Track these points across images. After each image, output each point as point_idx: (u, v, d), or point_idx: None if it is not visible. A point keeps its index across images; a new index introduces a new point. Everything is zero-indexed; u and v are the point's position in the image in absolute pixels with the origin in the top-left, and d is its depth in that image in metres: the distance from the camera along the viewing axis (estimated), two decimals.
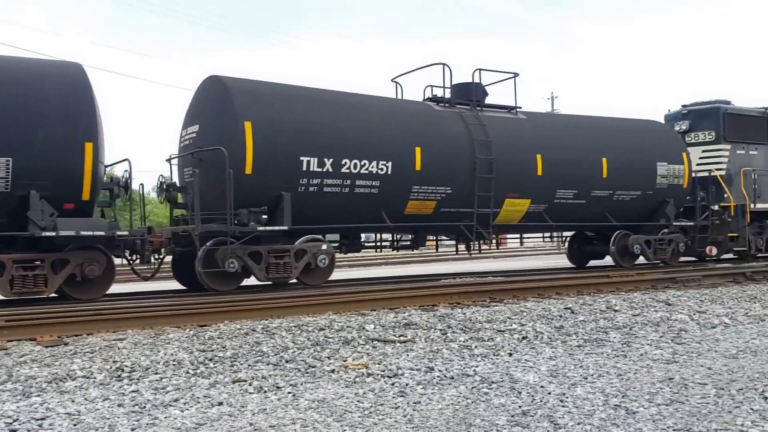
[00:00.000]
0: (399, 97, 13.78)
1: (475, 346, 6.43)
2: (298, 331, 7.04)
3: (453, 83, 13.66)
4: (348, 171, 11.32)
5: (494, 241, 28.52)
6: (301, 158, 10.93)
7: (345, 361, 5.78)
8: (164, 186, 11.43)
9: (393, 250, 14.43)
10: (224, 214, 10.12)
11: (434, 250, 21.63)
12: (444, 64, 13.25)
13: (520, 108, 14.24)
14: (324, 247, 11.09)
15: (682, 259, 16.23)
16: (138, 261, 10.57)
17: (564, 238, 17.25)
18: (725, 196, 16.66)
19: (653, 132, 16.06)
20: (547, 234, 16.08)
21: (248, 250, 10.40)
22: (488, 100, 14.01)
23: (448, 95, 13.37)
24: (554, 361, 5.90)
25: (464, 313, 8.11)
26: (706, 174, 16.78)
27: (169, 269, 12.36)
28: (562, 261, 18.52)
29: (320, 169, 11.06)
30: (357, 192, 11.52)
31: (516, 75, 14.12)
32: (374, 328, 7.16)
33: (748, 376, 5.31)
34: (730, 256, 17.81)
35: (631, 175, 14.90)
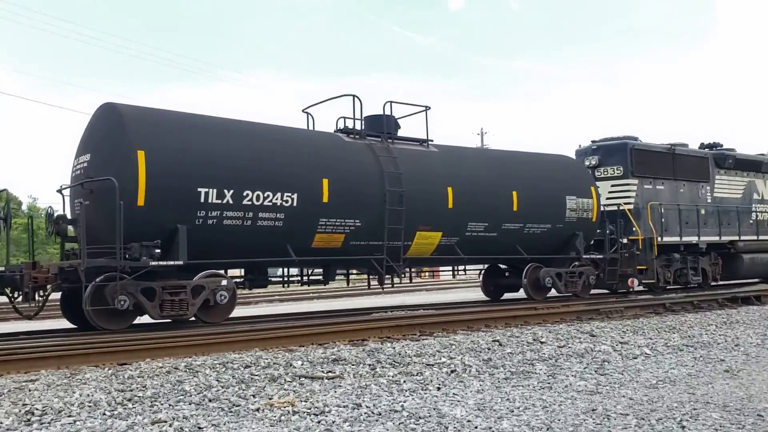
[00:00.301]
0: (310, 128, 13.57)
1: (404, 381, 6.39)
2: (223, 369, 6.85)
3: (366, 115, 13.58)
4: (250, 203, 10.90)
5: (428, 273, 28.43)
6: (199, 189, 10.44)
7: (271, 398, 5.64)
8: (53, 218, 10.74)
9: (302, 285, 14.13)
10: (115, 248, 9.55)
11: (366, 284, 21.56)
12: (354, 96, 13.07)
13: (432, 141, 14.20)
14: (224, 282, 10.64)
15: (593, 291, 16.47)
16: (20, 298, 9.93)
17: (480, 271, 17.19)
18: (633, 229, 16.92)
19: (563, 166, 16.19)
20: (460, 267, 16.09)
21: (141, 286, 9.80)
22: (403, 133, 14.02)
23: (360, 127, 13.27)
24: (482, 394, 5.93)
25: (394, 348, 8.07)
26: (615, 208, 17.05)
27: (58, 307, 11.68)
28: None
29: (219, 201, 10.60)
30: (260, 225, 11.08)
31: (427, 108, 14.08)
32: (302, 364, 7.04)
33: (667, 405, 5.45)
34: (640, 288, 18.04)
35: (541, 208, 14.94)
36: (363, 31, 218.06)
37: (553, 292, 15.51)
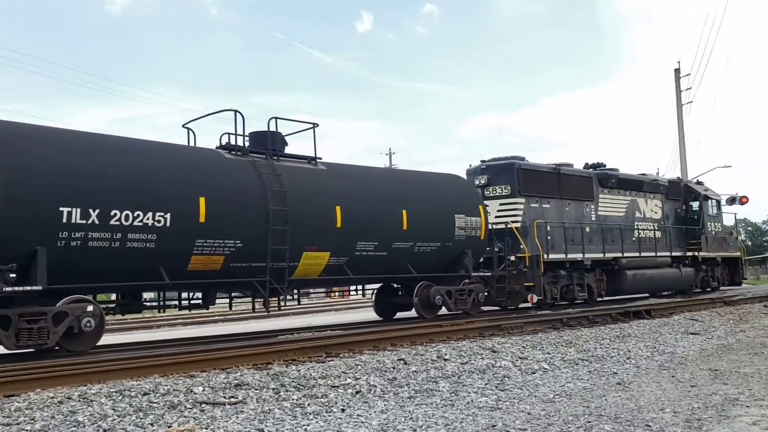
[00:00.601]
0: (192, 144, 12.90)
1: (308, 404, 6.34)
2: (120, 397, 6.58)
3: (251, 132, 13.19)
4: (118, 223, 10.21)
5: (339, 293, 28.32)
6: (61, 209, 9.70)
7: (170, 427, 5.47)
8: None
9: (180, 309, 13.51)
10: None
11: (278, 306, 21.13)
12: (236, 111, 12.52)
13: (321, 159, 13.82)
14: (89, 308, 9.91)
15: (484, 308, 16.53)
16: None
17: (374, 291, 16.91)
18: (521, 247, 17.17)
19: (451, 185, 16.21)
20: (353, 287, 15.88)
21: None
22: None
23: (245, 144, 12.75)
24: (386, 414, 5.96)
25: (299, 370, 7.99)
26: (503, 226, 17.36)
27: None
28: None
29: (84, 222, 9.89)
30: (130, 247, 10.36)
31: (315, 125, 13.77)
32: (203, 390, 6.86)
33: (563, 419, 5.66)
34: (529, 304, 18.14)
35: (431, 226, 14.86)
36: (271, 50, 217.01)
37: (445, 311, 15.56)
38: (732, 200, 36.27)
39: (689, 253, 23.71)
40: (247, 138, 12.96)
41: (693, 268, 23.56)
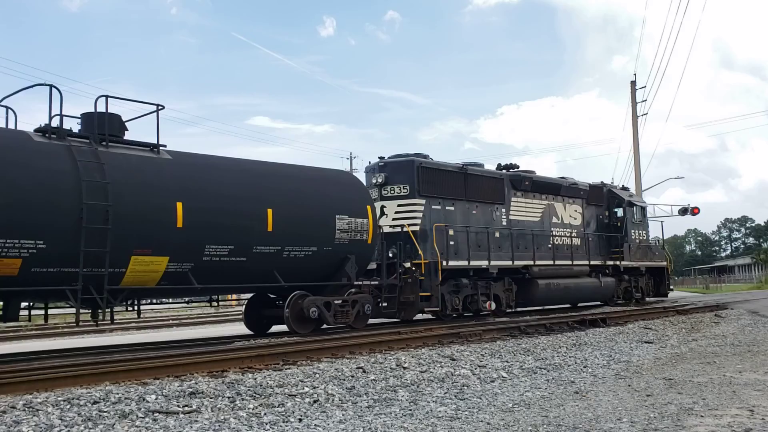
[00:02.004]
0: (11, 126, 11.12)
1: (265, 413, 6.20)
2: (68, 406, 6.34)
3: (84, 113, 11.37)
4: None
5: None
6: None
7: None
8: None
9: None
10: None
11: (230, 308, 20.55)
12: (51, 86, 10.60)
13: (165, 146, 11.80)
14: None
15: (369, 320, 14.69)
16: None
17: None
18: (419, 253, 15.69)
19: (335, 182, 14.50)
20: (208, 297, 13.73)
21: None
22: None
23: (77, 125, 11.17)
24: (344, 424, 5.86)
25: (255, 378, 7.84)
26: (399, 229, 15.96)
27: None
28: None
29: None
30: None
31: (160, 107, 11.69)
32: (156, 398, 6.66)
33: (522, 429, 5.64)
34: (428, 316, 16.95)
35: (304, 228, 13.03)
36: (230, 51, 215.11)
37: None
38: (684, 211, 37.12)
39: (610, 262, 22.36)
40: (72, 118, 11.16)
41: (614, 277, 22.29)
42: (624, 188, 25.32)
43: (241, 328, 15.15)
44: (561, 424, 5.79)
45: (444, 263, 15.90)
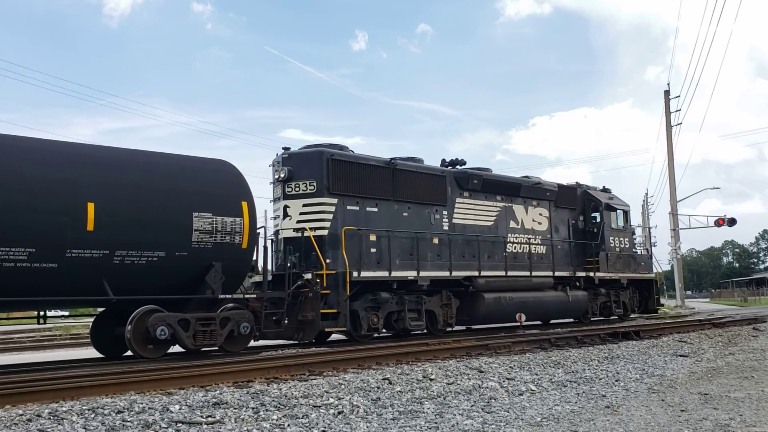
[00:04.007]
0: None
1: (288, 425, 6.12)
2: (93, 415, 6.34)
3: None
4: None
5: None
6: None
7: None
8: None
9: None
10: None
11: None
12: None
13: None
14: None
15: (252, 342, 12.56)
16: None
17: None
18: (328, 261, 13.44)
19: (197, 174, 12.03)
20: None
21: None
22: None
23: None
24: None
25: (280, 389, 7.78)
26: (299, 234, 13.68)
27: None
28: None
29: None
30: None
31: None
32: (180, 408, 6.63)
33: None
34: (341, 336, 14.69)
35: (146, 229, 10.82)
36: (264, 65, 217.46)
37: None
38: (724, 221, 36.39)
39: (581, 273, 19.49)
40: None
41: (588, 291, 19.63)
42: (605, 190, 22.48)
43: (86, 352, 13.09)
44: None
45: (354, 274, 13.57)
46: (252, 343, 12.70)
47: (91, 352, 13.18)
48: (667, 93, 39.63)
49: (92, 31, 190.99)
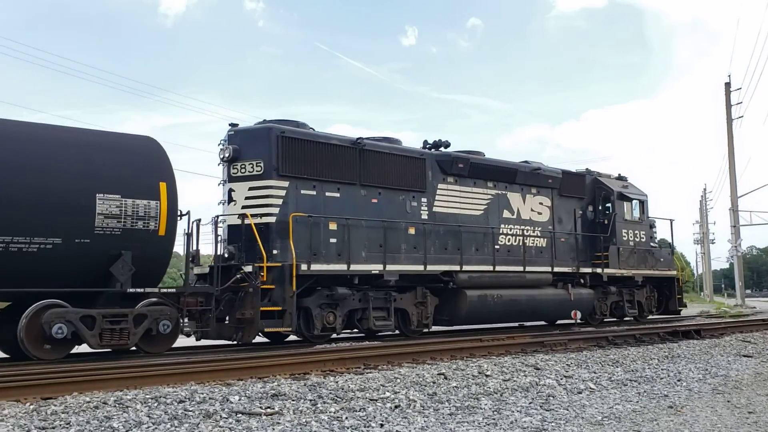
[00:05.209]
0: None
1: (346, 418, 6.15)
2: (155, 404, 6.49)
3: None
4: None
5: None
6: None
7: None
8: None
9: None
10: None
11: None
12: None
13: None
14: None
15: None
16: None
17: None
18: (275, 252, 12.17)
19: (104, 149, 10.69)
20: None
21: None
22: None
23: None
24: (426, 431, 5.73)
25: (336, 382, 7.82)
26: (240, 222, 12.30)
27: None
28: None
29: None
30: None
31: None
32: (239, 399, 6.72)
33: None
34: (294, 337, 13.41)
35: (35, 212, 9.63)
36: (314, 61, 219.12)
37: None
38: None
39: (586, 269, 17.71)
40: None
41: (596, 289, 17.89)
42: (620, 177, 20.25)
43: None
44: None
45: (303, 267, 12.10)
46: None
47: None
48: (727, 85, 38.39)
49: (148, 30, 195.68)
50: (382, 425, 5.94)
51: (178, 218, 11.06)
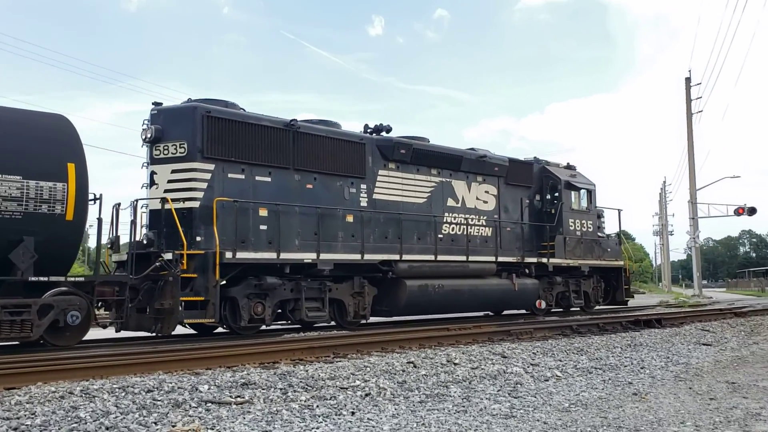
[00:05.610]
0: None
1: (317, 406, 6.15)
2: (123, 393, 6.40)
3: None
4: None
5: None
6: None
7: (174, 426, 5.29)
8: None
9: None
10: None
11: None
12: None
13: None
14: None
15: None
16: None
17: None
18: (199, 239, 11.55)
19: (12, 127, 10.00)
20: None
21: None
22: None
23: None
24: (397, 419, 5.77)
25: (307, 371, 7.81)
26: (164, 206, 11.60)
27: None
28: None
29: None
30: None
31: None
32: (209, 388, 6.67)
33: (581, 429, 5.46)
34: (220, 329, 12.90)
35: None
36: (280, 50, 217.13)
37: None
38: (744, 210, 36.04)
39: (532, 259, 17.47)
40: None
41: (541, 279, 17.74)
42: (568, 166, 20.00)
43: None
44: (622, 426, 5.59)
45: (228, 255, 11.55)
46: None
47: None
48: (688, 80, 39.11)
49: (111, 15, 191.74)
50: (353, 413, 5.96)
51: (91, 202, 10.46)
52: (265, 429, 5.24)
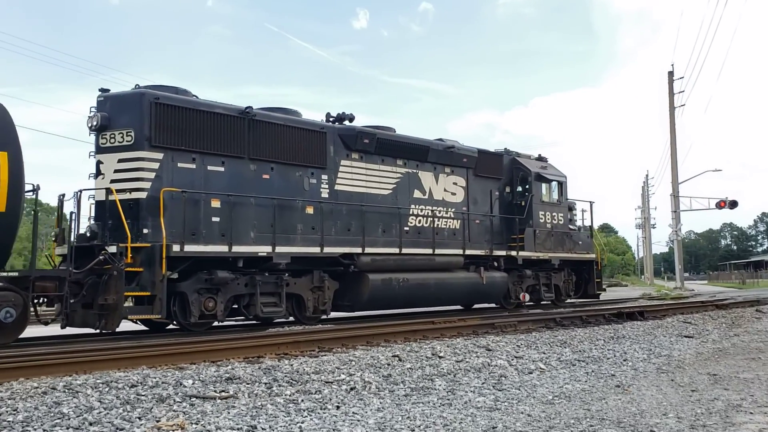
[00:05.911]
0: None
1: (302, 400, 6.15)
2: (107, 389, 6.36)
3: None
4: None
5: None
6: None
7: (158, 421, 5.26)
8: None
9: None
10: None
11: None
12: None
13: None
14: None
15: None
16: None
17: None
18: (146, 232, 11.10)
19: None
20: None
21: None
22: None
23: None
24: (382, 412, 5.78)
25: (291, 365, 7.80)
26: (106, 197, 11.25)
27: None
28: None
29: None
30: None
31: None
32: (193, 383, 6.65)
33: (565, 422, 5.50)
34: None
35: None
36: (264, 43, 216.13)
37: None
38: (726, 204, 36.39)
39: (500, 252, 17.13)
40: None
41: (511, 273, 17.47)
42: (540, 158, 19.77)
43: None
44: (605, 418, 5.64)
45: (176, 248, 11.02)
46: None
47: None
48: (670, 74, 39.39)
49: (94, 7, 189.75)
50: (338, 407, 5.96)
51: (29, 193, 9.98)
52: (249, 423, 5.23)
